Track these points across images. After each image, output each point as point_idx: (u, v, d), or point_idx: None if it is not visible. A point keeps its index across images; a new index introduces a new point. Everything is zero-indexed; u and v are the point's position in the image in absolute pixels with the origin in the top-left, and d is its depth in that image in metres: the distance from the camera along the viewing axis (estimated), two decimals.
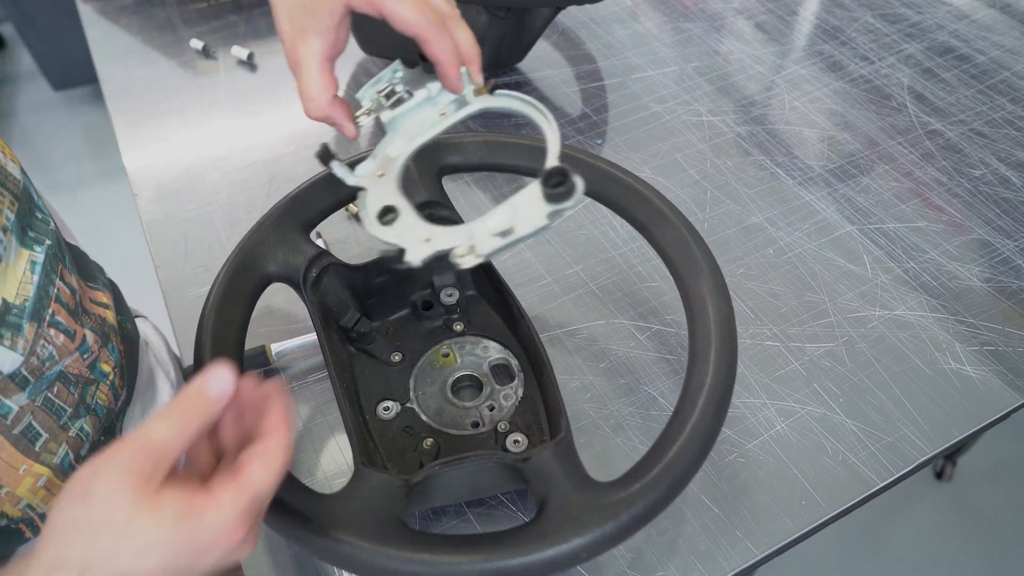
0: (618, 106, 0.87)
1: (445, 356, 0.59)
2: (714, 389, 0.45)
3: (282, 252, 0.55)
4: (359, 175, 0.50)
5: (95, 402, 0.54)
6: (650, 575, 0.51)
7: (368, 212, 0.47)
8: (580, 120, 0.86)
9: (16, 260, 0.47)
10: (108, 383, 0.55)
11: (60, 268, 0.50)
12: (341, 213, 0.74)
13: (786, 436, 0.58)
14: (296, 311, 0.67)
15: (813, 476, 0.56)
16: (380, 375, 0.58)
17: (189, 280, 0.71)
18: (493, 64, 0.88)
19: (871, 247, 0.71)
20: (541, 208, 0.41)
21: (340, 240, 0.73)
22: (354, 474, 0.45)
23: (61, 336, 0.50)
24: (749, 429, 0.58)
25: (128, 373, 0.59)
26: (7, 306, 0.45)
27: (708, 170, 0.79)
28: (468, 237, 0.43)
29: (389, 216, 0.47)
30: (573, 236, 0.73)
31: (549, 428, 0.54)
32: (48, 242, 0.50)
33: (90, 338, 0.53)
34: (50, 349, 0.49)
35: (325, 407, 0.61)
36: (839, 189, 0.77)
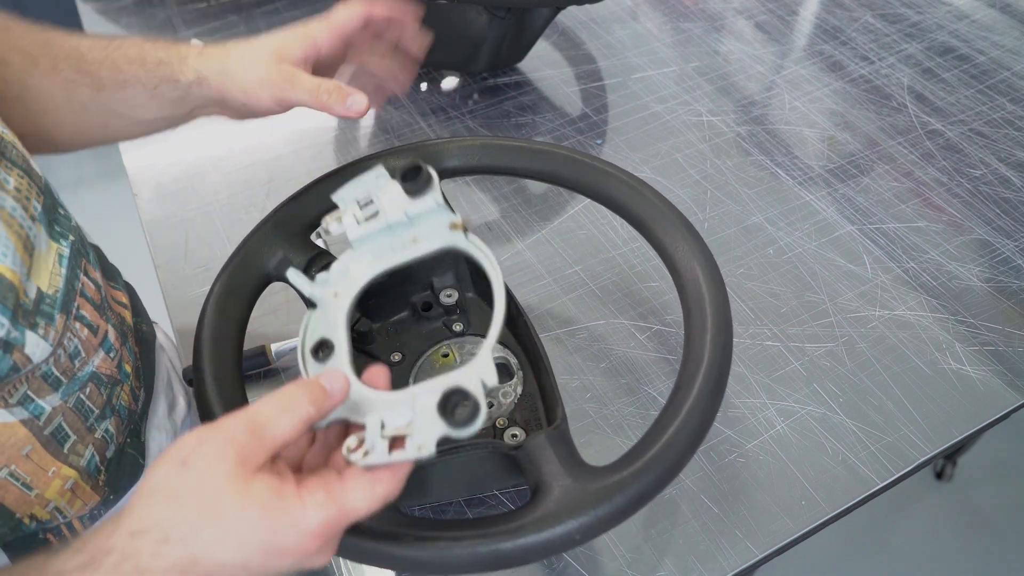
0: (618, 106, 0.87)
1: (445, 356, 0.59)
2: (709, 374, 0.44)
3: (283, 252, 0.54)
4: (316, 285, 0.47)
5: (119, 403, 0.54)
6: (649, 575, 0.51)
7: (304, 340, 0.45)
8: (580, 120, 0.86)
9: (47, 250, 0.47)
10: (129, 384, 0.55)
11: (84, 263, 0.51)
12: None
13: (786, 436, 0.58)
14: (297, 311, 0.67)
15: (813, 476, 0.56)
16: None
17: (189, 280, 0.71)
18: (493, 64, 0.88)
19: (871, 247, 0.71)
20: (438, 427, 0.38)
21: (342, 241, 0.73)
22: None
23: (85, 330, 0.50)
24: (749, 429, 0.58)
25: (145, 375, 0.59)
26: (41, 295, 0.45)
27: (708, 170, 0.79)
28: (375, 426, 0.39)
29: (323, 353, 0.44)
30: (573, 236, 0.73)
31: (547, 419, 0.54)
32: (72, 237, 0.50)
33: (112, 335, 0.53)
34: (75, 343, 0.49)
35: None
36: (839, 189, 0.77)
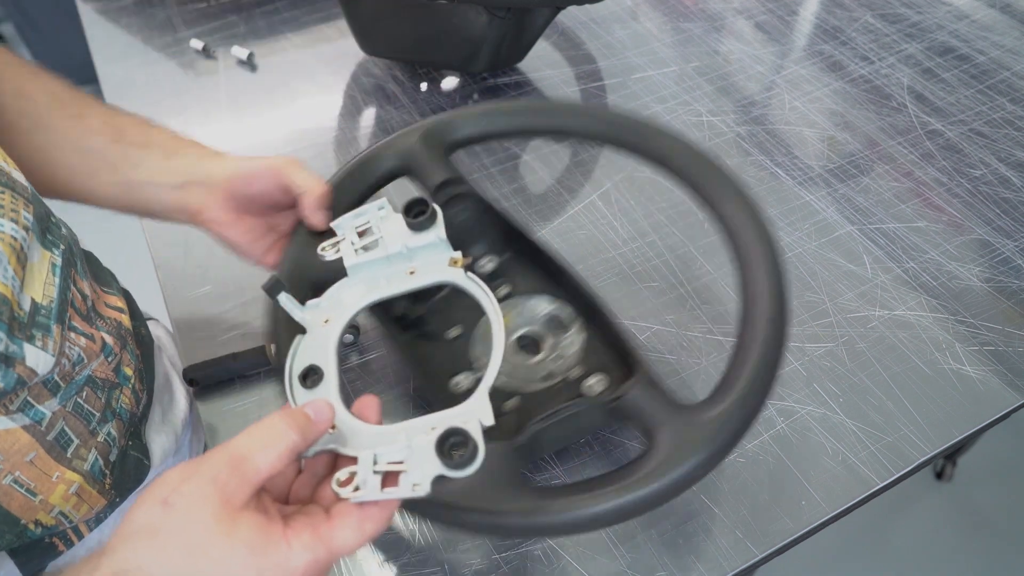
0: (618, 106, 0.87)
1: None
2: (775, 302, 0.46)
3: (421, 159, 0.56)
4: (307, 311, 0.47)
5: (120, 406, 0.54)
6: (649, 575, 0.51)
7: (292, 366, 0.45)
8: None
9: (40, 260, 0.47)
10: (130, 387, 0.55)
11: (72, 273, 0.50)
12: None
13: (786, 436, 0.58)
14: None
15: (813, 476, 0.56)
16: (442, 353, 0.59)
17: (189, 280, 0.71)
18: (493, 64, 0.88)
19: (871, 247, 0.71)
20: (436, 467, 0.39)
21: None
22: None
23: (83, 339, 0.49)
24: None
25: (146, 377, 0.59)
26: (36, 306, 0.44)
27: None
28: (368, 461, 0.39)
29: (311, 379, 0.44)
30: (573, 236, 0.73)
31: (622, 362, 0.54)
32: (63, 246, 0.50)
33: (109, 340, 0.53)
34: (76, 351, 0.48)
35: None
36: (839, 189, 0.77)
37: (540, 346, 0.58)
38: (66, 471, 0.49)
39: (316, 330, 0.46)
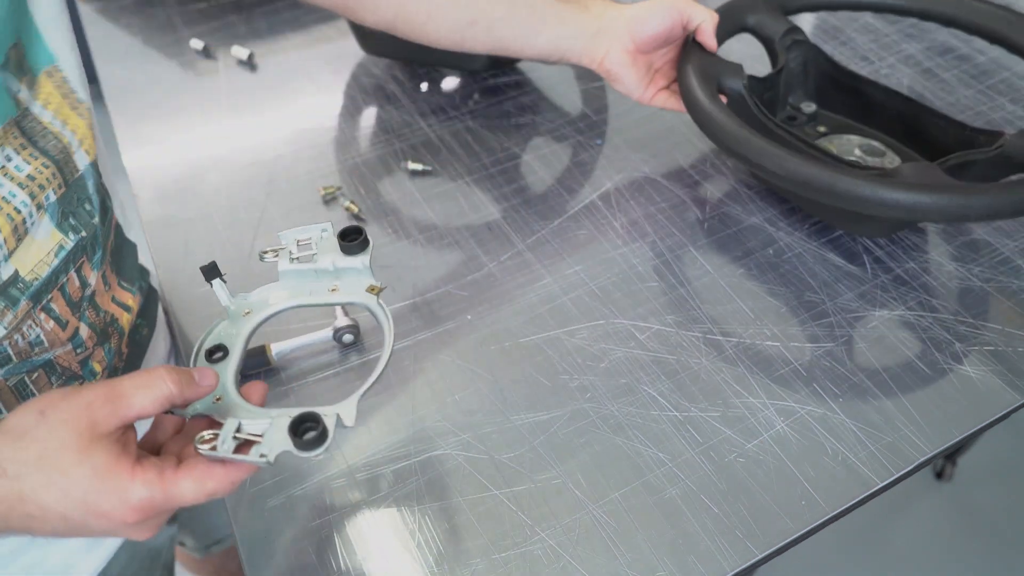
0: (618, 106, 0.87)
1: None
2: None
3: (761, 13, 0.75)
4: (234, 300, 0.53)
5: None
6: (650, 574, 0.51)
7: (204, 340, 0.50)
8: (580, 120, 0.86)
9: (47, 239, 0.48)
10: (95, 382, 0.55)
11: (82, 260, 0.51)
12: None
13: (786, 436, 0.58)
14: (298, 311, 0.66)
15: (813, 476, 0.56)
16: None
17: (189, 280, 0.71)
18: (494, 63, 0.88)
19: (871, 247, 0.71)
20: (285, 443, 0.43)
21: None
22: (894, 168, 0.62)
23: (51, 323, 0.50)
24: (749, 429, 0.58)
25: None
26: (16, 277, 0.46)
27: (708, 170, 0.79)
28: (232, 426, 0.43)
29: (218, 355, 0.50)
30: (573, 236, 0.73)
31: (961, 150, 0.66)
32: (84, 233, 0.51)
33: (84, 332, 0.53)
34: (37, 332, 0.49)
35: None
36: None
37: (863, 167, 0.69)
38: None
39: (237, 318, 0.52)
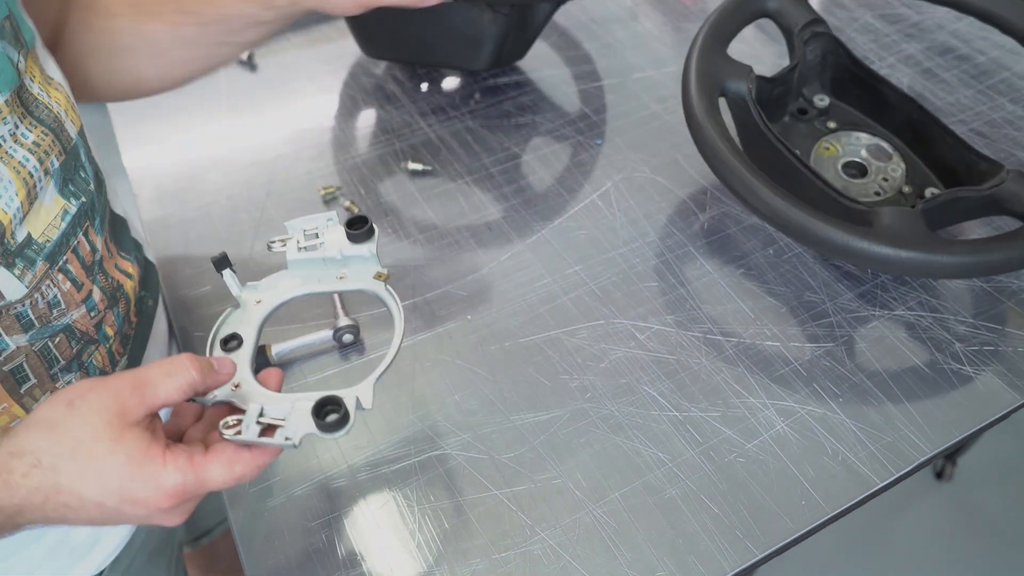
0: (618, 106, 0.87)
1: (827, 149, 0.73)
2: None
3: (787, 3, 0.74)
4: (245, 290, 0.53)
5: (90, 361, 0.55)
6: (650, 574, 0.51)
7: (218, 330, 0.51)
8: (580, 120, 0.86)
9: (52, 203, 0.49)
10: (107, 347, 0.56)
11: (87, 225, 0.53)
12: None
13: (786, 436, 0.58)
14: (298, 311, 0.67)
15: (813, 476, 0.56)
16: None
17: (189, 280, 0.71)
18: (495, 62, 0.88)
19: None
20: (308, 425, 0.44)
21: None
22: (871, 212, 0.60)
23: (68, 284, 0.51)
24: (749, 429, 0.58)
25: (134, 345, 0.60)
26: (29, 240, 0.47)
27: (708, 170, 0.79)
28: (255, 411, 0.44)
29: (232, 343, 0.50)
30: (573, 236, 0.73)
31: (962, 171, 0.66)
32: (83, 199, 0.52)
33: (96, 295, 0.54)
34: (55, 292, 0.50)
35: None
36: None
37: (867, 171, 0.71)
38: (13, 405, 0.50)
39: (249, 307, 0.53)
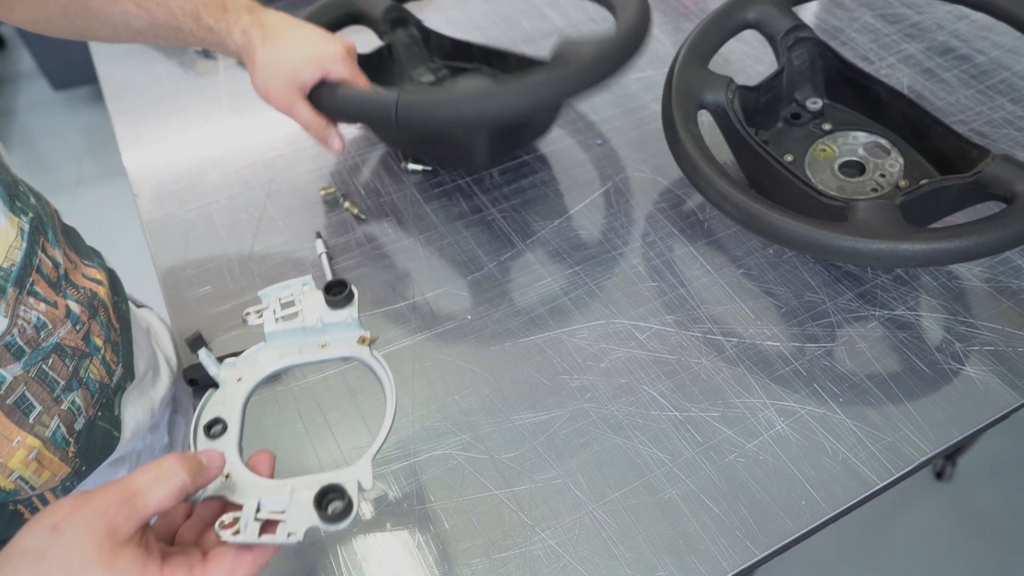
0: (618, 106, 0.87)
1: (823, 151, 0.74)
2: None
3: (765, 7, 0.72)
4: (223, 368, 0.50)
5: (87, 375, 0.54)
6: (650, 574, 0.51)
7: (200, 416, 0.48)
8: (580, 120, 0.86)
9: (8, 224, 0.48)
10: (100, 357, 0.56)
11: (42, 240, 0.52)
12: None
13: (786, 436, 0.58)
14: None
15: (813, 476, 0.56)
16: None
17: (189, 280, 0.71)
18: (494, 161, 0.80)
19: None
20: (311, 518, 0.42)
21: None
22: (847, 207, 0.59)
23: (42, 304, 0.50)
24: (749, 429, 0.58)
25: (123, 351, 0.59)
26: None
27: None
28: (252, 507, 0.42)
29: (216, 428, 0.47)
30: (573, 236, 0.73)
31: (952, 165, 0.65)
32: (31, 214, 0.51)
33: (76, 308, 0.53)
34: (35, 315, 0.49)
35: (326, 405, 0.61)
36: None
37: (864, 169, 0.71)
38: (27, 436, 0.50)
39: (229, 386, 0.50)
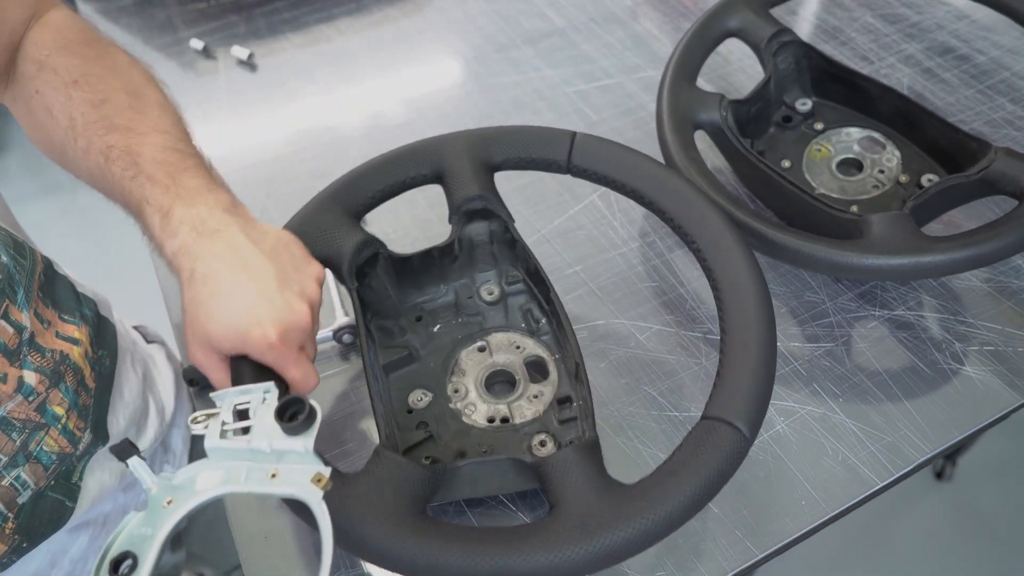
0: (618, 106, 0.87)
1: (819, 151, 0.71)
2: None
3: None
4: (157, 480, 0.40)
5: (39, 449, 0.50)
6: (650, 574, 0.51)
7: (111, 547, 0.37)
8: (580, 120, 0.86)
9: None
10: (60, 427, 0.51)
11: (5, 305, 0.47)
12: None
13: (786, 436, 0.58)
14: None
15: (813, 476, 0.56)
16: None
17: None
18: None
19: None
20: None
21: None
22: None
23: None
24: None
25: (94, 415, 0.55)
26: None
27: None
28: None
29: (125, 565, 0.36)
30: (573, 236, 0.73)
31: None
32: (0, 276, 0.47)
33: (32, 379, 0.49)
34: None
35: (332, 400, 0.61)
36: None
37: (862, 165, 0.70)
38: None
39: (156, 508, 0.39)
